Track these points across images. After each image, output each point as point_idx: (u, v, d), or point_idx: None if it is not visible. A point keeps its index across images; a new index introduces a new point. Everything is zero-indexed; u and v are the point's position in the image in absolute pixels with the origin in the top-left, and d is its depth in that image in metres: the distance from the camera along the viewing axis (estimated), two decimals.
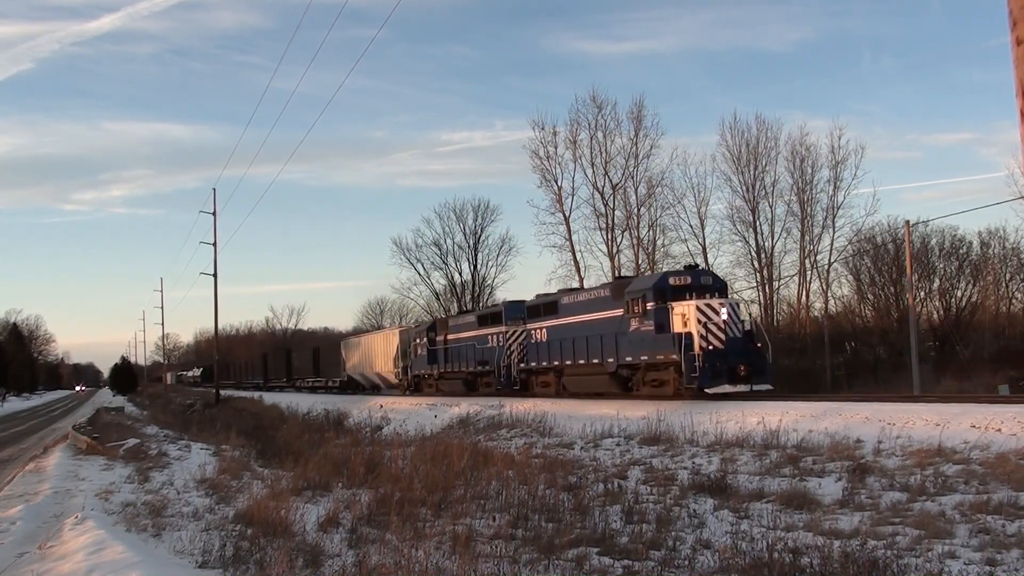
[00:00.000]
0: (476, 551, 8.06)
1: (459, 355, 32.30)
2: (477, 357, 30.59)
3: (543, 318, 26.89)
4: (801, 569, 6.88)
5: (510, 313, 29.57)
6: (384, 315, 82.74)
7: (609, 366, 22.86)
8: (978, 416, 12.92)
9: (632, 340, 21.95)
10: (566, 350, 25.02)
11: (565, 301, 25.96)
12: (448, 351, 33.67)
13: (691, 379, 19.60)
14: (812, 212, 43.16)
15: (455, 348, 32.89)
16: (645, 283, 22.53)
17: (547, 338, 26.58)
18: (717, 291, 21.76)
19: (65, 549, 8.42)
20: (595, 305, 24.13)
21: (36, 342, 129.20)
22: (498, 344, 29.30)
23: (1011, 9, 3.96)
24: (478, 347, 30.58)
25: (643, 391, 22.03)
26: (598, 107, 45.32)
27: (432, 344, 34.98)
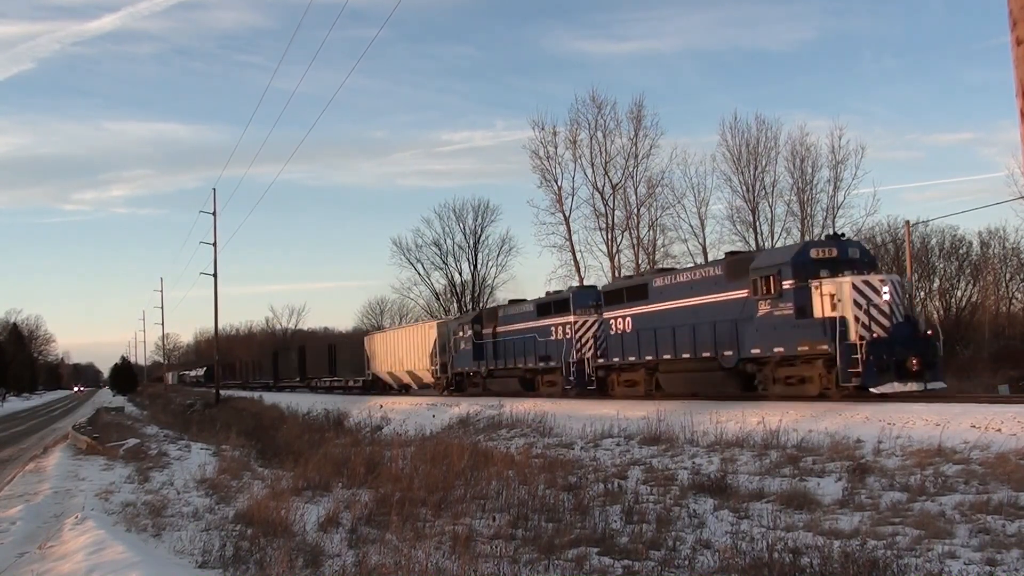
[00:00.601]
0: (476, 551, 8.06)
1: (513, 350, 28.73)
2: (538, 352, 27.12)
3: (626, 305, 23.22)
4: (801, 569, 6.88)
5: (580, 300, 26.27)
6: (384, 315, 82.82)
7: (727, 360, 19.25)
8: (978, 416, 12.92)
9: (761, 327, 18.19)
10: (662, 342, 21.27)
11: (658, 284, 22.21)
12: (499, 345, 30.08)
13: (849, 375, 16.07)
14: (812, 212, 43.09)
15: (508, 342, 29.34)
16: (779, 256, 18.69)
17: (632, 328, 22.80)
18: (867, 266, 18.05)
19: (65, 549, 8.42)
20: (703, 286, 20.35)
21: (36, 342, 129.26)
22: (565, 336, 25.87)
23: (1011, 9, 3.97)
24: (539, 340, 27.09)
25: (774, 391, 18.40)
26: (598, 107, 45.26)
27: (479, 338, 31.47)
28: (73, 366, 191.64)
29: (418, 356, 37.88)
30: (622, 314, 23.45)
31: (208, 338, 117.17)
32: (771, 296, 18.02)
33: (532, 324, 27.97)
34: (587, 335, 25.65)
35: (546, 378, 27.34)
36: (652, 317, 22.05)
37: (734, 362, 19.09)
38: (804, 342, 17.20)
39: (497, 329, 30.49)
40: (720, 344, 19.42)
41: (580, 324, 25.73)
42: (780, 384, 18.37)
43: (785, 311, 17.71)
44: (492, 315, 31.62)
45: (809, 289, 17.26)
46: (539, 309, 27.89)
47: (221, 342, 65.62)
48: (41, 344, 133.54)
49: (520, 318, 28.98)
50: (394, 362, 40.92)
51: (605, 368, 24.39)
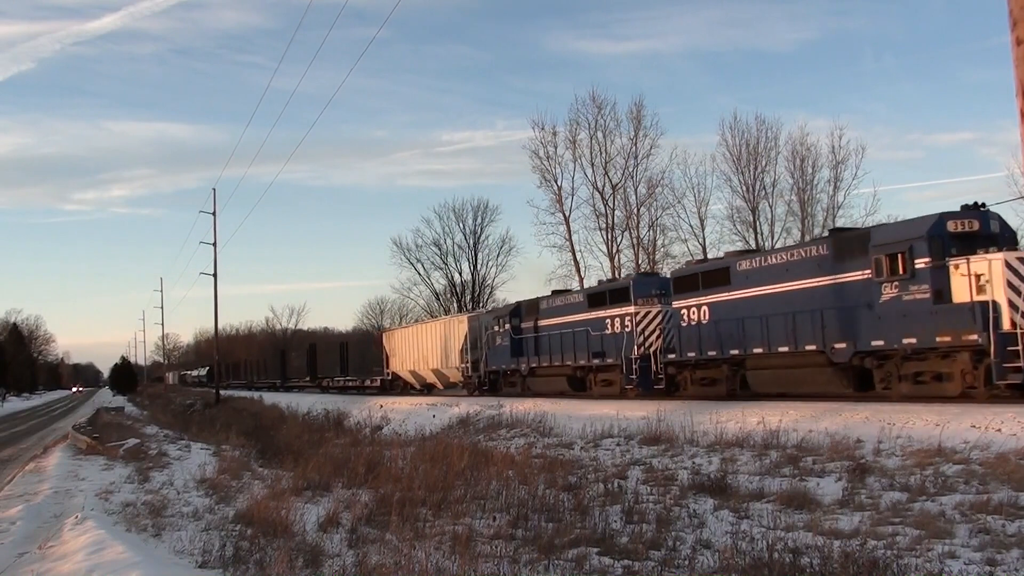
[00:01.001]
0: (476, 551, 8.06)
1: (560, 345, 26.02)
2: (591, 347, 24.45)
3: (702, 292, 20.67)
4: (801, 569, 6.88)
5: (641, 288, 23.74)
6: (384, 315, 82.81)
7: (838, 354, 16.75)
8: (978, 416, 12.92)
9: (886, 315, 15.69)
10: (751, 334, 18.79)
11: (744, 266, 19.58)
12: (542, 340, 27.46)
13: (1005, 371, 13.68)
14: (812, 212, 43.15)
15: (553, 336, 26.62)
16: (909, 230, 15.91)
17: (710, 318, 20.31)
18: (1008, 241, 15.66)
19: (65, 549, 8.42)
20: (803, 268, 17.72)
21: (36, 342, 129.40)
22: (624, 329, 23.23)
23: (1011, 9, 3.97)
24: (592, 333, 24.43)
25: (900, 390, 15.88)
26: (598, 107, 45.35)
27: (517, 332, 28.91)
28: (73, 366, 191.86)
29: (445, 353, 35.38)
30: (697, 303, 20.68)
31: (208, 338, 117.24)
32: (900, 277, 15.43)
33: (583, 316, 25.23)
34: (651, 327, 22.99)
35: (600, 376, 24.60)
36: (737, 305, 19.35)
37: (847, 356, 16.47)
38: (945, 331, 14.64)
39: (539, 323, 27.81)
40: (829, 336, 16.80)
41: (643, 315, 23.19)
42: (908, 382, 15.80)
43: (919, 295, 15.11)
44: (533, 307, 28.78)
45: (947, 268, 14.83)
46: (591, 299, 25.25)
47: (221, 342, 65.60)
48: (41, 344, 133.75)
49: (567, 310, 26.34)
50: (417, 360, 38.40)
51: (677, 365, 21.64)
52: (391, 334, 42.77)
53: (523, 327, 28.95)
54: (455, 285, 61.76)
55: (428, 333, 37.63)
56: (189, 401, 51.49)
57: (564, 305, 26.97)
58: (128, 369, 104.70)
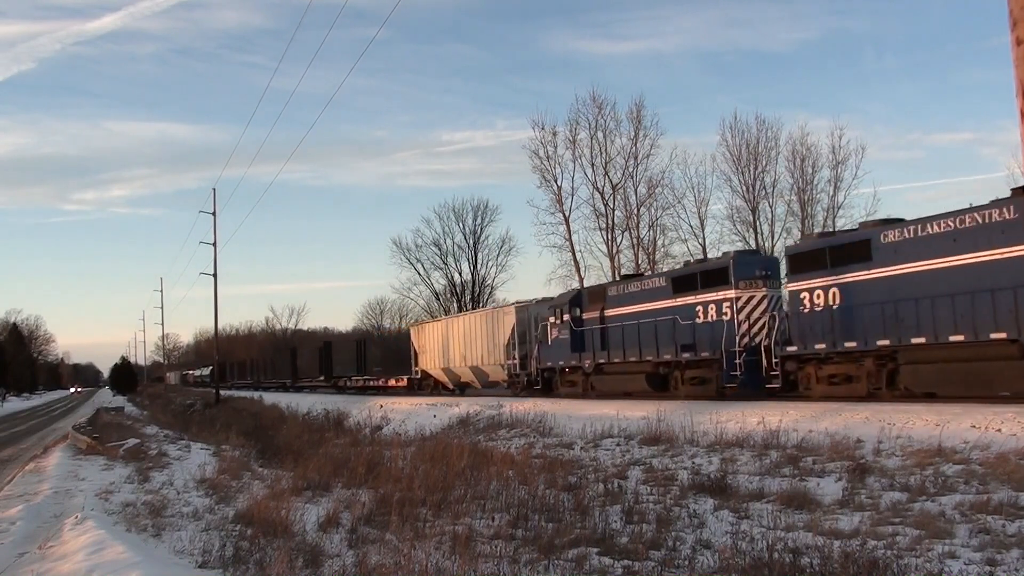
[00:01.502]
0: (476, 551, 8.06)
1: (636, 337, 22.69)
2: (678, 339, 21.19)
3: (830, 271, 17.53)
4: (801, 569, 6.88)
5: (744, 269, 20.29)
6: (384, 315, 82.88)
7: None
8: (978, 416, 12.93)
9: None
10: (906, 320, 15.74)
11: (891, 237, 16.34)
12: (611, 332, 24.01)
13: None
14: (812, 212, 43.11)
15: (627, 327, 23.19)
16: None
17: (843, 302, 17.23)
18: None
19: (65, 549, 8.42)
20: (981, 236, 14.71)
21: (36, 342, 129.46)
22: (721, 317, 20.09)
23: (1011, 9, 3.97)
24: (681, 323, 21.18)
25: None
26: (598, 107, 45.30)
27: (578, 324, 25.44)
28: (73, 366, 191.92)
29: (487, 348, 31.81)
30: (824, 284, 17.60)
31: (208, 338, 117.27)
32: None
33: (665, 303, 22.01)
34: (757, 314, 19.79)
35: (690, 374, 21.18)
36: (883, 285, 16.28)
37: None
38: None
39: (606, 312, 24.49)
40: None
41: (745, 300, 19.92)
42: None
43: None
44: (598, 295, 25.56)
45: None
46: (677, 283, 22.04)
47: (221, 342, 65.68)
48: (41, 344, 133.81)
49: (644, 296, 23.03)
50: (453, 356, 34.78)
51: (798, 359, 18.27)
52: (421, 329, 39.23)
53: (585, 318, 25.37)
54: (455, 285, 61.81)
55: (466, 327, 33.93)
56: (189, 401, 51.49)
57: (640, 291, 23.37)
58: (128, 369, 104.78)
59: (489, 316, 32.47)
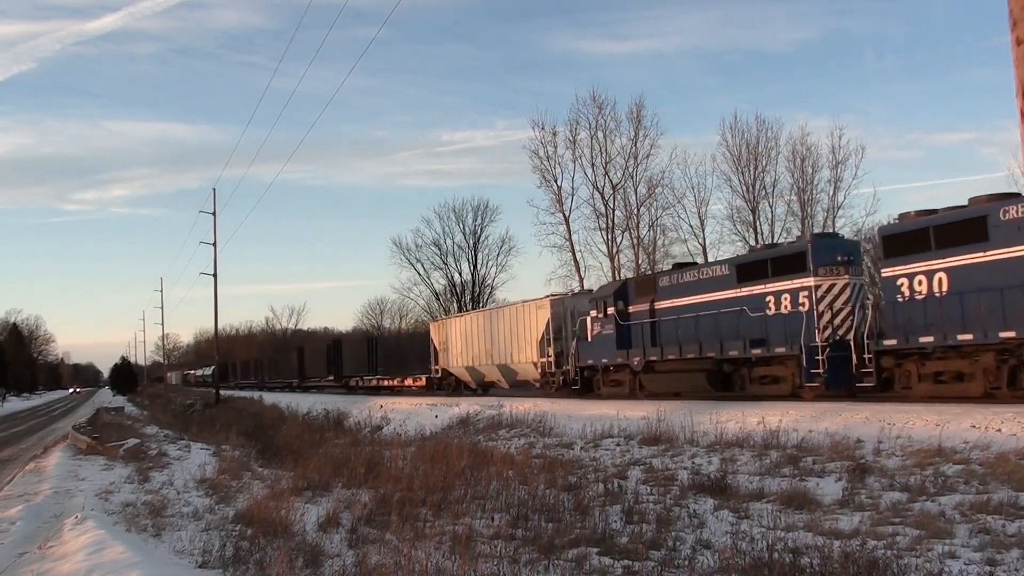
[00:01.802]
0: (476, 551, 8.06)
1: (694, 331, 20.84)
2: (745, 333, 19.14)
3: (936, 252, 15.54)
4: (801, 569, 6.88)
5: (823, 253, 18.26)
6: (384, 315, 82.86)
7: None
8: (978, 416, 12.93)
9: None
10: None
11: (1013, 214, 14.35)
12: (664, 327, 22.18)
13: None
14: (812, 212, 43.18)
15: (684, 320, 21.34)
16: None
17: (952, 288, 15.27)
18: None
19: (65, 549, 8.42)
20: None
21: (36, 342, 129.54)
22: (798, 308, 18.01)
23: (1011, 9, 3.97)
24: (750, 314, 19.09)
25: None
26: (598, 107, 45.37)
27: (624, 318, 23.54)
28: (73, 366, 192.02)
29: (517, 345, 29.73)
30: (927, 268, 15.69)
31: (208, 338, 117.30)
32: None
33: (729, 293, 20.01)
34: (841, 304, 17.94)
35: (759, 372, 19.07)
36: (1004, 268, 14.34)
37: None
38: None
39: (657, 304, 22.43)
40: None
41: (826, 288, 17.97)
42: None
43: None
44: (647, 285, 23.44)
45: None
46: (742, 271, 19.94)
47: (221, 342, 65.68)
48: (41, 344, 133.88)
49: (701, 287, 21.02)
50: (479, 354, 32.60)
51: (896, 354, 16.28)
52: (443, 325, 36.83)
53: (632, 311, 23.34)
54: (455, 285, 61.83)
55: (494, 322, 31.77)
56: (189, 401, 51.51)
57: (697, 281, 21.31)
58: (128, 369, 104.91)
59: (520, 311, 29.92)
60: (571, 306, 27.29)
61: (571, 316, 26.84)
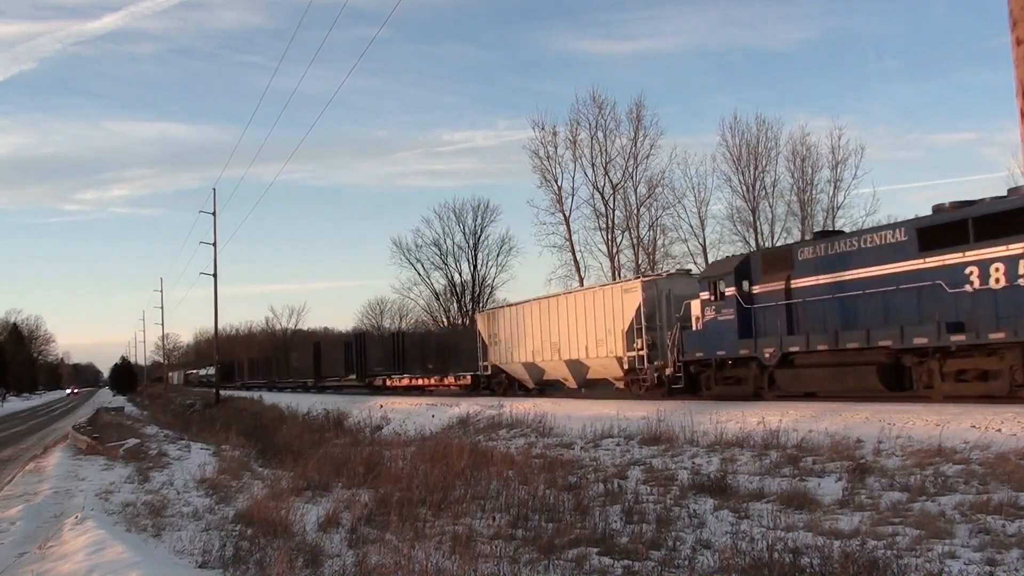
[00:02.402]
0: (476, 551, 8.06)
1: (855, 314, 16.89)
2: (937, 314, 15.05)
3: None
4: (801, 569, 6.88)
5: None
6: (384, 315, 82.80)
7: None
8: (978, 416, 12.93)
9: None
10: None
11: None
12: (808, 309, 18.04)
13: None
14: (812, 212, 43.20)
15: (835, 302, 17.32)
16: None
17: None
18: None
19: (65, 549, 8.42)
20: None
21: (36, 342, 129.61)
22: (1016, 282, 13.97)
23: (1011, 9, 3.97)
24: (947, 290, 14.96)
25: None
26: (598, 107, 45.42)
27: (748, 300, 19.42)
28: (73, 366, 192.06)
29: (594, 337, 25.20)
30: None
31: (208, 338, 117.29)
32: None
33: (905, 266, 16.00)
34: None
35: (957, 365, 15.09)
36: None
37: None
38: None
39: (795, 282, 18.39)
40: None
41: None
42: None
43: None
44: (780, 260, 19.10)
45: None
46: (926, 236, 15.64)
47: (221, 342, 65.65)
48: (41, 344, 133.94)
49: (862, 258, 16.78)
50: (541, 348, 28.21)
51: None
52: (493, 315, 32.39)
53: (758, 291, 19.32)
54: (455, 285, 61.85)
55: (560, 311, 27.24)
56: (189, 401, 51.50)
57: (857, 251, 16.97)
58: (128, 369, 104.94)
59: (600, 296, 25.36)
60: (665, 288, 23.31)
61: (666, 301, 23.05)
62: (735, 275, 19.87)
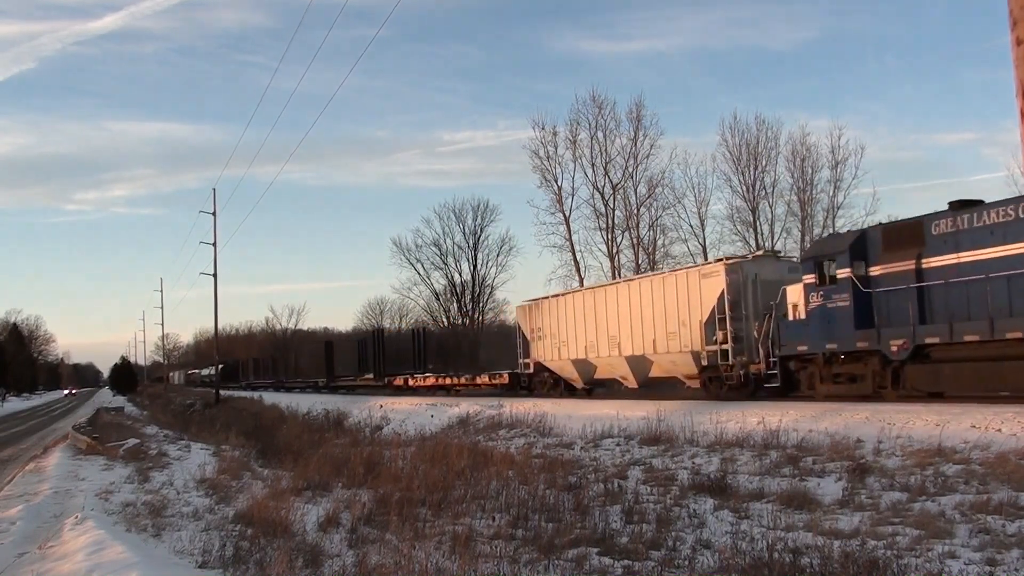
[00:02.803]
0: (476, 551, 8.06)
1: (1012, 298, 14.22)
2: None
3: None
4: (801, 569, 6.88)
5: None
6: (384, 315, 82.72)
7: None
8: (978, 416, 12.93)
9: None
10: None
11: None
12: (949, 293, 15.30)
13: None
14: (812, 212, 43.15)
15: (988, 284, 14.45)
16: None
17: None
18: None
19: (65, 549, 8.42)
20: None
21: (36, 342, 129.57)
22: None
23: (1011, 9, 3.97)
24: None
25: None
26: (598, 107, 45.35)
27: (865, 284, 16.69)
28: (73, 366, 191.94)
29: (666, 329, 22.09)
30: None
31: (208, 338, 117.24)
32: None
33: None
34: None
35: None
36: None
37: None
38: None
39: (928, 261, 15.69)
40: None
41: None
42: None
43: None
44: (906, 235, 16.28)
45: None
46: None
47: (221, 342, 65.66)
48: (41, 344, 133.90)
49: (1018, 231, 14.17)
50: (596, 343, 25.11)
51: None
52: (537, 307, 28.72)
53: (878, 273, 16.64)
54: (455, 285, 61.76)
55: (621, 301, 24.02)
56: (189, 401, 51.50)
57: (1015, 221, 14.23)
58: (128, 369, 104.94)
59: (673, 282, 22.20)
60: (752, 272, 20.45)
61: (752, 286, 20.32)
62: (850, 254, 16.98)
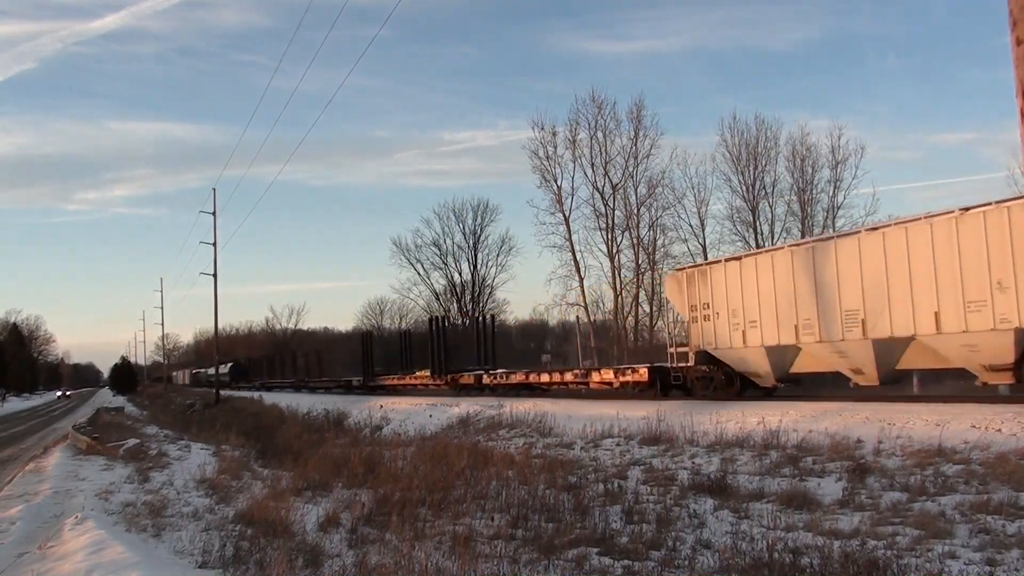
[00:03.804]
0: (476, 551, 8.06)
1: None
2: None
3: None
4: (801, 569, 6.88)
5: None
6: (384, 315, 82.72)
7: None
8: (978, 416, 12.93)
9: None
10: None
11: None
12: None
13: None
14: (812, 212, 43.20)
15: None
16: None
17: None
18: None
19: (65, 549, 8.42)
20: None
21: (36, 342, 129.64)
22: None
23: (1011, 9, 3.97)
24: None
25: None
26: (598, 107, 45.45)
27: None
28: (73, 366, 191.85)
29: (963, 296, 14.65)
30: None
31: (208, 338, 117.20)
32: None
33: None
34: None
35: None
36: None
37: None
38: None
39: None
40: None
41: None
42: None
43: None
44: None
45: None
46: None
47: (221, 342, 65.66)
48: (41, 344, 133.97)
49: None
50: (814, 320, 17.57)
51: None
52: (702, 275, 21.11)
53: None
54: (455, 285, 61.81)
55: (869, 255, 16.51)
56: (189, 401, 51.50)
57: None
58: (128, 369, 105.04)
59: (976, 224, 14.56)
60: None
61: None
62: None
